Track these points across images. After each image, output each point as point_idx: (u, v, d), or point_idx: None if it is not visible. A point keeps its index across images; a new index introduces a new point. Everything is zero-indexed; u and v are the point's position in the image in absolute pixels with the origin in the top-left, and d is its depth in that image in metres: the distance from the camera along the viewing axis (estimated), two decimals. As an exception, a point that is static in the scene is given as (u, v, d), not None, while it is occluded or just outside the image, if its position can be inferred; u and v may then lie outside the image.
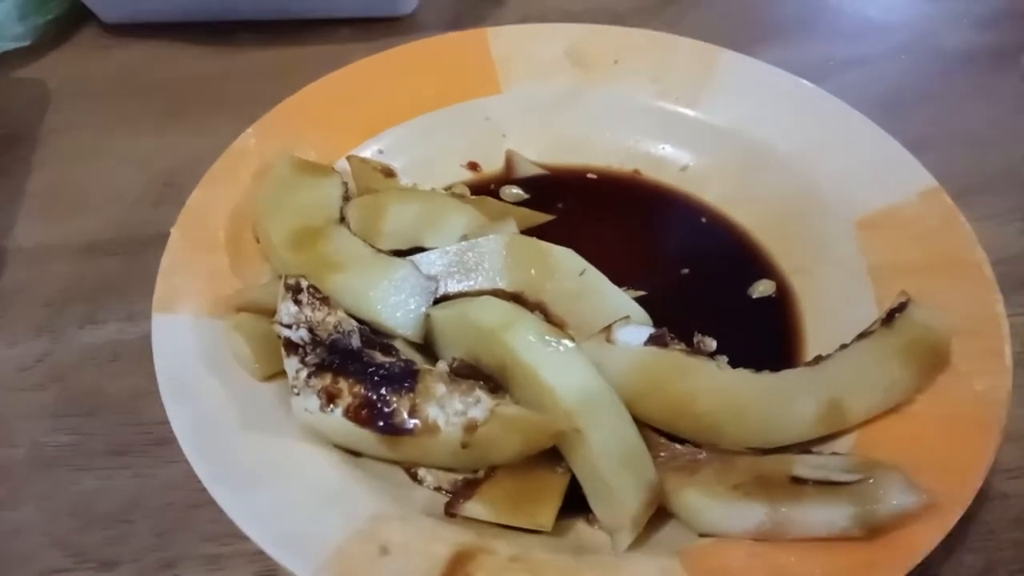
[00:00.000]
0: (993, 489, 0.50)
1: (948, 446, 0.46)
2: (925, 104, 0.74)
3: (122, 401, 0.56)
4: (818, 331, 0.56)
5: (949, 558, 0.49)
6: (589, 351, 0.48)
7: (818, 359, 0.50)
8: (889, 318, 0.50)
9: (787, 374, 0.49)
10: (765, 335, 0.56)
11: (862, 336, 0.50)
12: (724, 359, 0.50)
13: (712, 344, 0.51)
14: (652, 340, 0.49)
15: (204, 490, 0.44)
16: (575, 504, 0.46)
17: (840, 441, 0.48)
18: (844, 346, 0.50)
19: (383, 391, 0.46)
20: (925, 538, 0.42)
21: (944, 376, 0.49)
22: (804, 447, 0.47)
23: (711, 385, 0.48)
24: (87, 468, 0.53)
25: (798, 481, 0.43)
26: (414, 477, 0.48)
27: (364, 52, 0.70)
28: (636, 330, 0.49)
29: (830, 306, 0.56)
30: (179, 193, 0.61)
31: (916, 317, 0.50)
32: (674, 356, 0.48)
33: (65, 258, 0.64)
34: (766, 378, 0.49)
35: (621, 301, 0.53)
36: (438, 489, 0.48)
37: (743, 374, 0.49)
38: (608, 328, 0.49)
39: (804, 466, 0.44)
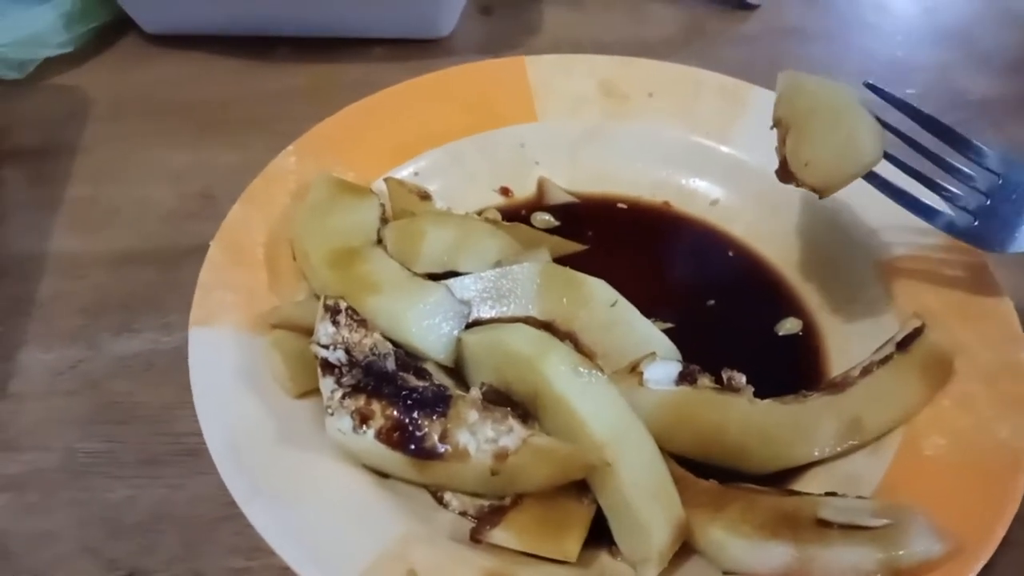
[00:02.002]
0: (1016, 536, 0.50)
1: (972, 493, 0.46)
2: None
3: (154, 411, 0.56)
4: (843, 370, 0.56)
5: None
6: (621, 391, 0.48)
7: (839, 382, 0.52)
8: (904, 344, 0.52)
9: (811, 401, 0.51)
10: (790, 372, 0.57)
11: (882, 363, 0.52)
12: (751, 390, 0.51)
13: (742, 380, 0.52)
14: (682, 377, 0.49)
15: (233, 503, 0.45)
16: (599, 535, 0.47)
17: (864, 485, 0.48)
18: (865, 370, 0.52)
19: (415, 415, 0.47)
20: (949, 585, 0.42)
21: (968, 423, 0.49)
22: (830, 492, 0.48)
23: (741, 419, 0.50)
24: (118, 476, 0.53)
25: (824, 523, 0.44)
26: (440, 501, 0.49)
27: (398, 72, 0.71)
28: (665, 366, 0.50)
29: (856, 346, 0.56)
30: (214, 207, 0.63)
31: (928, 340, 0.52)
32: (705, 395, 0.49)
33: (101, 267, 0.65)
34: (792, 407, 0.51)
35: (650, 334, 0.54)
36: (463, 514, 0.48)
37: (771, 405, 0.51)
38: (637, 364, 0.50)
39: (830, 509, 0.45)
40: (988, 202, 0.54)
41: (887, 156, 0.53)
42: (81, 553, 0.50)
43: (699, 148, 0.67)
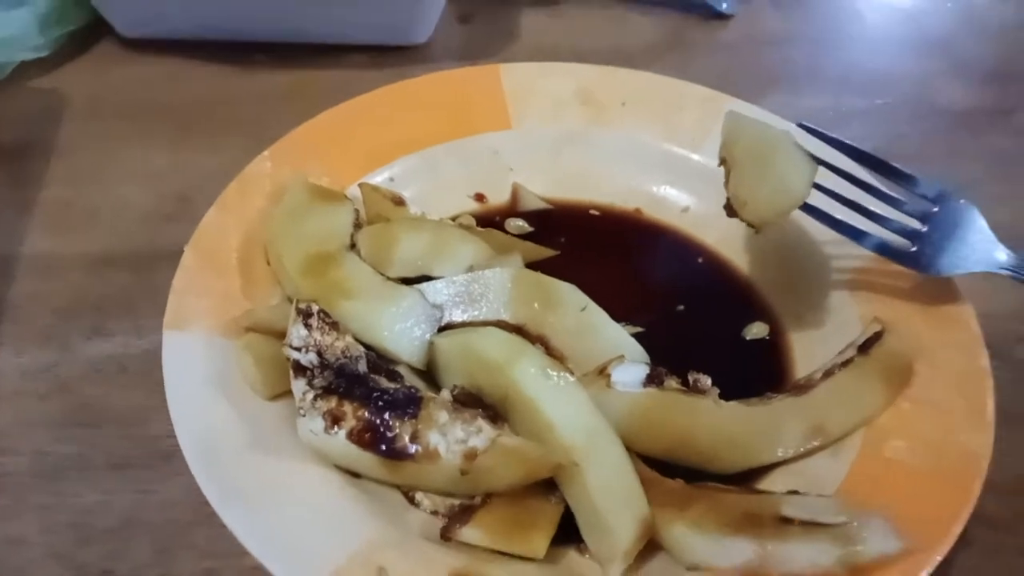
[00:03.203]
0: (972, 537, 0.52)
1: (930, 494, 0.47)
2: (924, 160, 0.76)
3: (126, 414, 0.56)
4: (808, 373, 0.57)
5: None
6: (589, 394, 0.49)
7: (803, 384, 0.54)
8: (865, 347, 0.54)
9: (775, 403, 0.52)
10: (756, 375, 0.58)
11: (843, 365, 0.53)
12: (716, 392, 0.53)
13: (707, 382, 0.53)
14: (649, 379, 0.50)
15: (205, 506, 0.45)
16: (567, 533, 0.48)
17: (827, 485, 0.49)
18: (827, 373, 0.53)
19: (386, 416, 0.47)
20: (904, 582, 0.43)
21: (928, 426, 0.51)
22: (792, 491, 0.49)
23: (708, 420, 0.51)
24: (89, 481, 0.53)
25: (785, 521, 0.45)
26: (411, 500, 0.49)
27: (375, 79, 0.71)
28: (632, 368, 0.51)
29: (821, 350, 0.57)
30: (190, 210, 0.63)
31: (888, 344, 0.54)
32: (672, 397, 0.50)
33: (74, 270, 0.65)
34: (757, 408, 0.52)
35: (619, 337, 0.55)
36: (434, 513, 0.49)
37: (736, 407, 0.52)
38: (605, 367, 0.50)
39: (792, 506, 0.46)
40: (924, 228, 0.57)
41: (820, 188, 0.56)
42: (49, 558, 0.50)
43: (671, 157, 0.68)
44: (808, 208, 0.57)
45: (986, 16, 0.97)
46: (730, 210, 0.57)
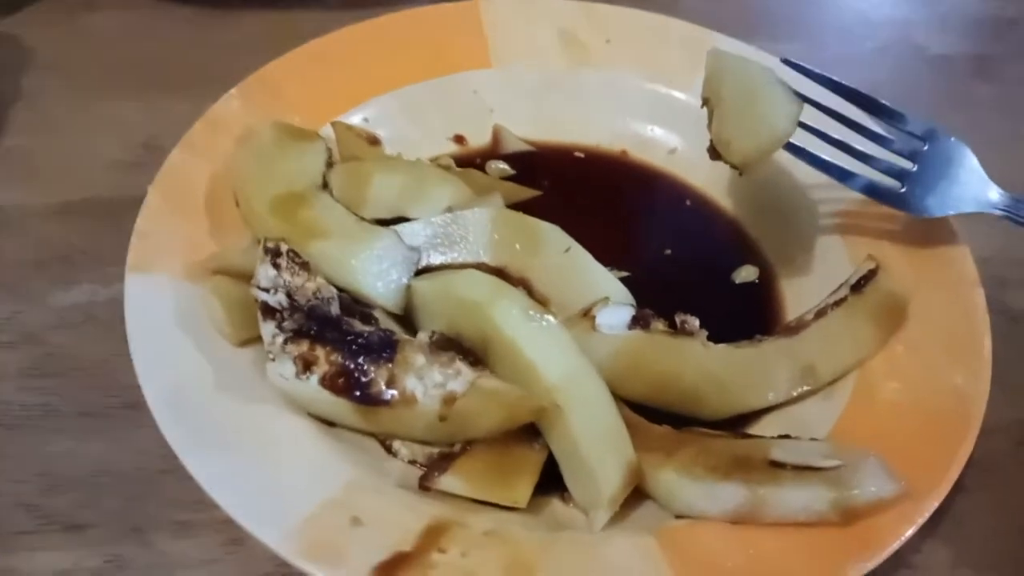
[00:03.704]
0: (967, 480, 0.51)
1: (925, 437, 0.46)
2: (906, 105, 0.75)
3: (93, 364, 0.55)
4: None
5: (921, 547, 0.49)
6: (573, 336, 0.47)
7: (794, 326, 0.52)
8: (858, 286, 0.52)
9: (765, 345, 0.51)
10: (746, 318, 0.57)
11: (836, 305, 0.52)
12: (704, 334, 0.51)
13: (695, 323, 0.51)
14: (635, 321, 0.49)
15: (175, 456, 0.43)
16: (551, 481, 0.46)
17: (818, 429, 0.48)
18: (819, 313, 0.52)
19: (361, 360, 0.45)
20: (900, 527, 0.42)
21: (921, 369, 0.49)
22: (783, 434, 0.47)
23: (695, 363, 0.49)
24: (56, 430, 0.52)
25: (776, 465, 0.44)
26: (388, 450, 0.48)
27: (353, 21, 0.68)
28: (618, 310, 0.49)
29: (812, 293, 0.56)
30: (158, 157, 0.60)
31: (882, 283, 0.52)
32: (658, 339, 0.49)
33: (39, 219, 0.63)
34: (746, 351, 0.51)
35: (605, 280, 0.53)
36: (412, 462, 0.47)
37: (725, 349, 0.51)
38: (589, 309, 0.49)
39: (782, 450, 0.44)
40: (914, 168, 0.55)
41: (805, 127, 0.54)
42: (17, 508, 0.49)
43: (658, 96, 0.66)
44: (793, 148, 0.55)
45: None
46: (714, 152, 0.55)
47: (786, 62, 0.57)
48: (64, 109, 0.71)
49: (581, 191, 0.64)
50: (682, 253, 0.60)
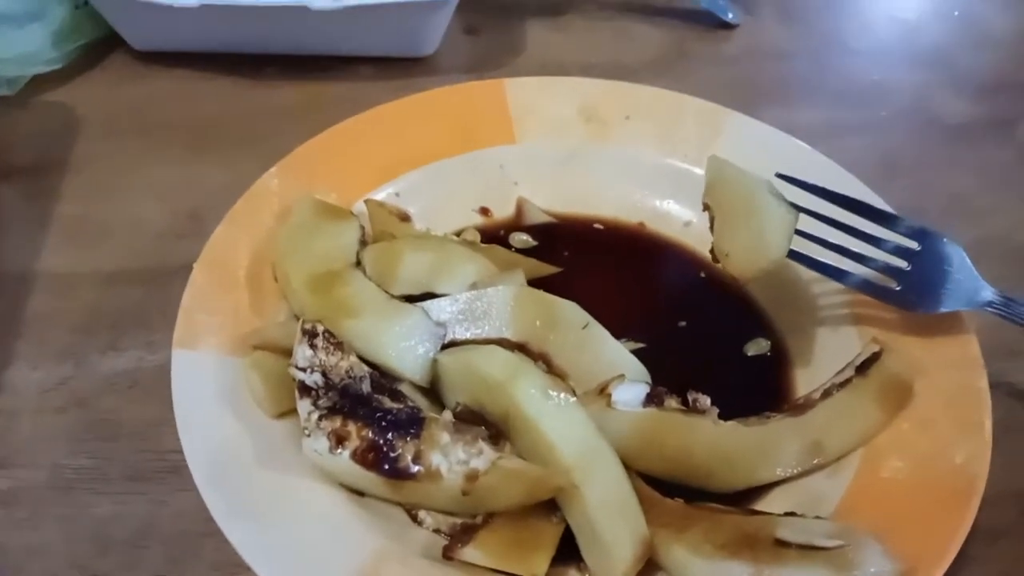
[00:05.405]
0: (972, 551, 0.52)
1: (927, 514, 0.48)
2: (922, 171, 0.77)
3: (139, 428, 0.58)
4: (808, 390, 0.57)
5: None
6: (589, 413, 0.50)
7: (801, 404, 0.54)
8: (863, 368, 0.54)
9: (774, 423, 0.53)
10: (757, 391, 0.58)
11: (842, 385, 0.54)
12: (715, 411, 0.53)
13: (707, 401, 0.53)
14: (649, 399, 0.51)
15: (214, 520, 0.46)
16: (568, 553, 0.48)
17: (825, 504, 0.50)
18: (825, 393, 0.54)
19: (389, 436, 0.48)
20: (900, 605, 0.44)
21: (926, 447, 0.51)
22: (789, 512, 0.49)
23: (706, 440, 0.51)
24: (105, 492, 0.55)
25: (782, 544, 0.45)
26: (414, 518, 0.50)
27: (384, 90, 0.72)
28: (632, 388, 0.52)
29: (822, 367, 0.58)
30: (202, 226, 0.64)
31: (886, 365, 0.54)
32: (671, 416, 0.51)
33: (89, 285, 0.66)
34: (755, 428, 0.52)
35: (620, 355, 0.55)
36: (437, 531, 0.50)
37: (735, 427, 0.52)
38: (606, 386, 0.51)
39: (788, 529, 0.46)
40: (908, 267, 0.57)
41: (803, 234, 0.57)
42: (69, 568, 0.52)
43: (674, 171, 0.69)
44: (792, 254, 0.57)
45: (985, 27, 0.96)
46: (714, 257, 0.57)
47: (780, 176, 0.59)
48: (111, 176, 0.75)
49: (601, 262, 0.66)
50: (696, 324, 0.62)
